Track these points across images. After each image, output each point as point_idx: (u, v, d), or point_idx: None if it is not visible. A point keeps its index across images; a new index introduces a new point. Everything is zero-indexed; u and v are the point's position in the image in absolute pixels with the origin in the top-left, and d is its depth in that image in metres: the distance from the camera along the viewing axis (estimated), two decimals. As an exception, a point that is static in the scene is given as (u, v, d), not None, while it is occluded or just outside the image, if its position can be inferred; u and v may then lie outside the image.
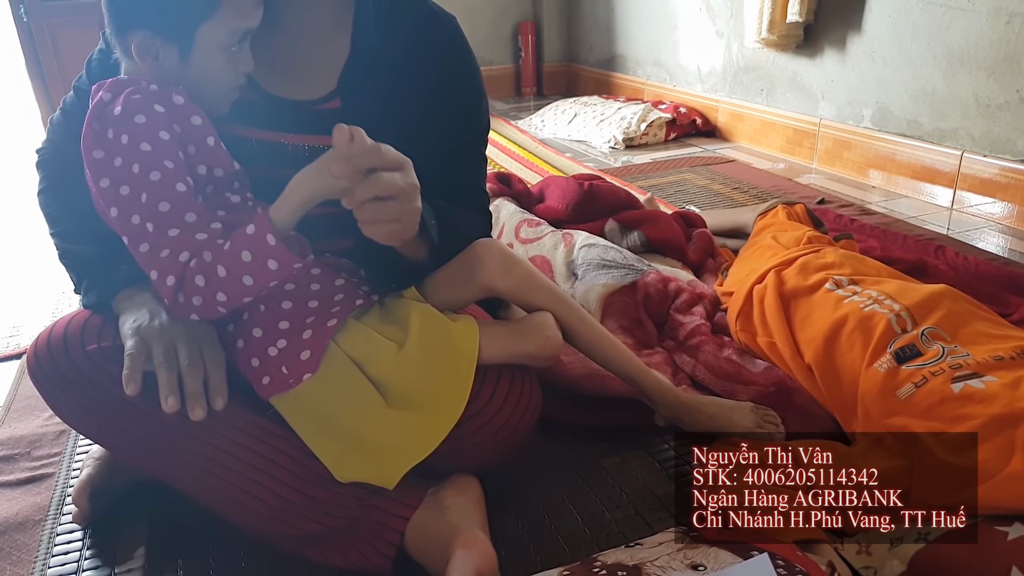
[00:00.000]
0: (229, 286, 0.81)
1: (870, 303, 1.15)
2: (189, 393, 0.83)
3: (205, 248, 0.82)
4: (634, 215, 1.63)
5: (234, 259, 0.80)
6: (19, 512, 1.04)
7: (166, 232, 0.82)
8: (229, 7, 0.85)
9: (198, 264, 0.81)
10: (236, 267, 0.81)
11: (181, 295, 0.83)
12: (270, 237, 0.79)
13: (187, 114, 0.86)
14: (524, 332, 0.98)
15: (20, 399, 1.33)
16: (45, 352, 0.89)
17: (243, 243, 0.80)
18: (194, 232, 0.83)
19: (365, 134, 0.78)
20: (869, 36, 2.33)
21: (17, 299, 1.80)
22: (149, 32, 0.85)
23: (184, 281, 0.82)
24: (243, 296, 0.84)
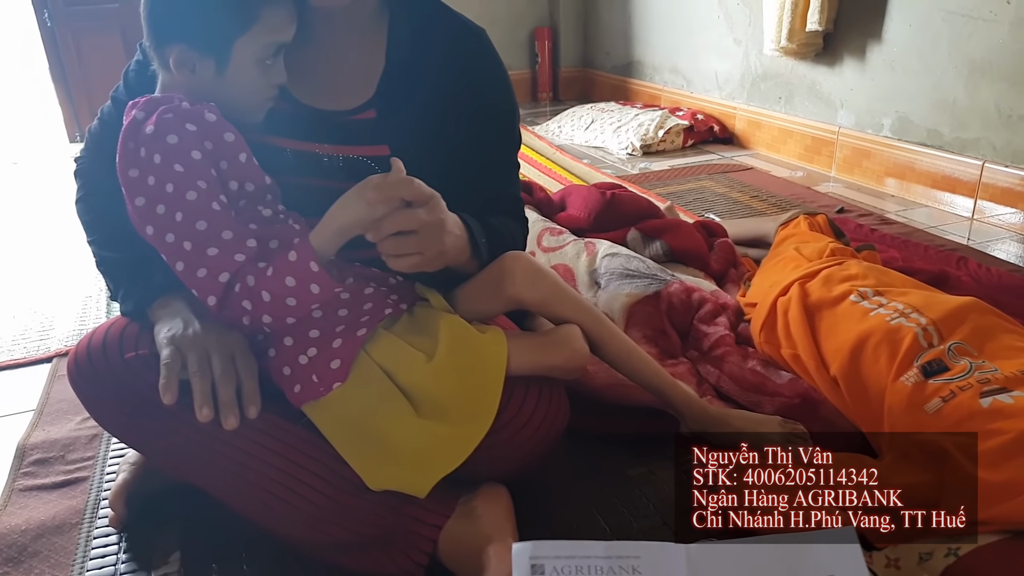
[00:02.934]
0: (274, 309, 0.84)
1: (896, 316, 1.15)
2: (223, 402, 0.84)
3: (244, 269, 0.84)
4: (656, 224, 1.64)
5: (278, 284, 0.83)
6: (56, 515, 1.06)
7: (204, 251, 0.84)
8: (265, 22, 0.87)
9: (243, 289, 0.83)
10: (280, 292, 0.83)
11: (225, 311, 0.85)
12: (313, 264, 0.82)
13: (220, 131, 0.88)
14: (552, 344, 0.99)
15: (52, 403, 1.35)
16: (85, 359, 0.91)
17: (287, 269, 0.83)
18: (232, 252, 0.84)
19: (402, 165, 0.81)
20: (889, 45, 2.33)
21: (46, 305, 1.83)
22: (187, 46, 0.87)
23: (228, 301, 0.85)
24: (287, 317, 0.86)
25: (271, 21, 0.88)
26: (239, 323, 0.86)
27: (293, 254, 0.83)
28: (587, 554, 0.55)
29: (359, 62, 1.01)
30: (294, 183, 0.99)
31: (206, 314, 0.89)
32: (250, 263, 0.85)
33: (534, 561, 0.55)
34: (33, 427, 1.28)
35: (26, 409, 1.36)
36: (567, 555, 0.55)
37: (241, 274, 0.84)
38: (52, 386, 1.42)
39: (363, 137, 1.00)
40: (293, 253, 0.83)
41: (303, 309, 0.86)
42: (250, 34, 0.87)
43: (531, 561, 0.55)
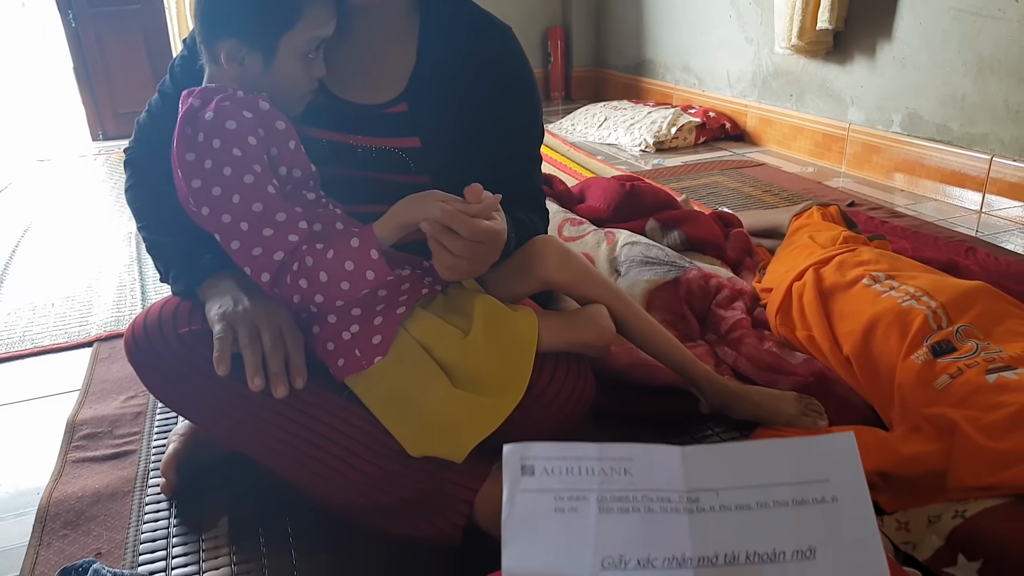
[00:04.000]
0: (328, 290, 0.89)
1: (907, 299, 1.20)
2: (272, 373, 0.90)
3: (300, 249, 0.89)
4: (674, 215, 1.69)
5: (337, 267, 0.88)
6: (108, 484, 1.12)
7: (260, 231, 0.89)
8: (309, 18, 0.93)
9: (301, 268, 0.89)
10: (338, 274, 0.88)
11: (277, 289, 0.90)
12: (373, 252, 0.87)
13: (272, 119, 0.93)
14: (580, 322, 1.05)
15: (96, 383, 1.42)
16: (142, 334, 0.97)
17: (348, 254, 0.88)
18: (286, 233, 0.90)
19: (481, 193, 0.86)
20: (899, 43, 2.38)
21: (82, 294, 1.89)
22: (237, 40, 0.93)
23: (281, 280, 0.90)
24: (337, 299, 0.92)
25: (315, 17, 0.93)
26: (289, 301, 0.92)
27: (356, 240, 0.88)
28: (579, 455, 0.54)
29: (392, 58, 1.06)
30: (330, 172, 1.04)
31: (254, 292, 0.95)
32: (303, 243, 0.90)
33: (524, 462, 0.53)
34: (80, 405, 1.34)
35: (71, 389, 1.42)
36: (558, 456, 0.54)
37: (298, 254, 0.89)
38: (95, 368, 1.48)
39: (395, 129, 1.05)
40: (356, 240, 0.88)
41: (354, 293, 0.91)
42: (295, 29, 0.93)
43: (522, 462, 0.53)
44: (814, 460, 0.52)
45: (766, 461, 0.52)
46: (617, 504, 0.52)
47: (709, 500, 0.52)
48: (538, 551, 0.51)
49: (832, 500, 0.50)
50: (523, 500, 0.52)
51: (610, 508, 0.52)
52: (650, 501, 0.52)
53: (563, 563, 0.50)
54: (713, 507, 0.51)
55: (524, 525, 0.51)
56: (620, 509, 0.52)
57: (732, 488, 0.52)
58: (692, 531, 0.51)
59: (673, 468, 0.53)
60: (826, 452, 0.52)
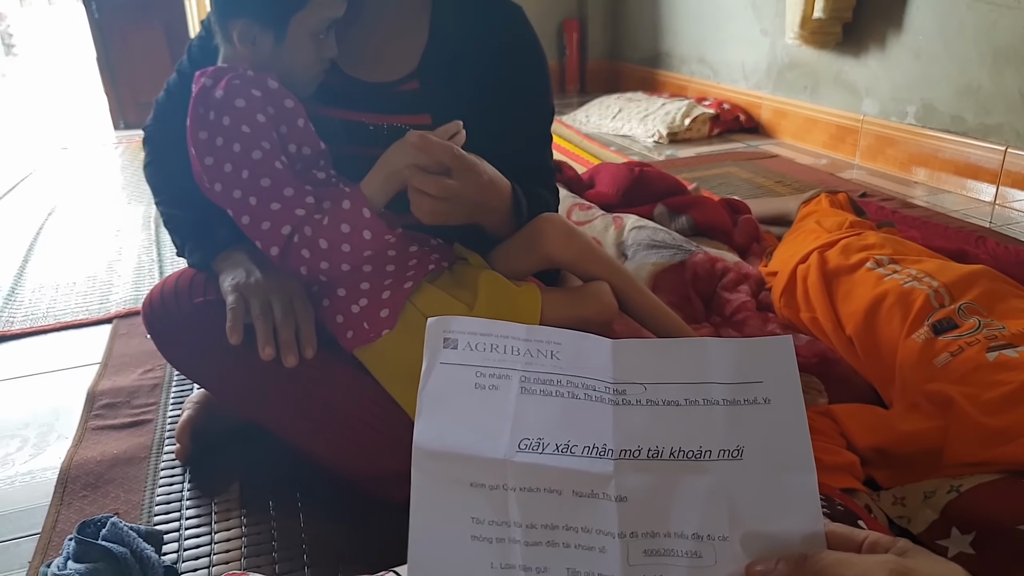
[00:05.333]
0: (330, 255, 0.92)
1: (910, 280, 1.21)
2: (283, 342, 0.92)
3: (304, 223, 0.92)
4: (682, 200, 1.71)
5: (334, 231, 0.91)
6: (126, 450, 1.16)
7: (268, 206, 0.92)
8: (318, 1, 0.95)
9: (301, 239, 0.92)
10: (336, 239, 0.91)
11: (287, 261, 0.93)
12: (365, 210, 0.90)
13: (281, 97, 0.96)
14: (583, 298, 1.07)
15: (115, 357, 1.46)
16: (159, 303, 1.01)
17: (341, 216, 0.91)
18: (293, 206, 0.93)
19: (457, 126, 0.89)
20: (913, 33, 2.37)
21: (103, 273, 1.94)
22: (249, 20, 0.95)
23: (289, 252, 0.93)
24: (342, 263, 0.94)
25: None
26: (298, 272, 0.95)
27: (347, 203, 0.91)
28: (506, 333, 0.51)
29: (403, 36, 1.08)
30: (344, 151, 1.07)
31: (266, 265, 0.98)
32: (308, 216, 0.93)
33: (447, 334, 0.51)
34: (100, 377, 1.38)
35: (92, 362, 1.46)
36: (483, 332, 0.51)
37: (300, 226, 0.92)
38: (115, 342, 1.52)
39: (407, 107, 1.07)
40: (347, 202, 0.91)
41: (357, 255, 0.94)
42: (306, 10, 0.95)
43: (444, 334, 0.51)
44: (749, 362, 0.50)
45: (699, 359, 0.50)
46: (540, 387, 0.50)
47: (636, 393, 0.50)
48: (452, 427, 0.48)
49: (764, 402, 0.49)
50: (442, 373, 0.50)
51: (532, 390, 0.50)
52: (574, 387, 0.50)
53: (478, 441, 0.48)
54: (640, 400, 0.50)
55: (440, 399, 0.49)
56: (543, 392, 0.50)
57: (661, 383, 0.50)
58: (616, 422, 0.49)
59: (602, 357, 0.51)
60: (762, 354, 0.50)
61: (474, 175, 0.92)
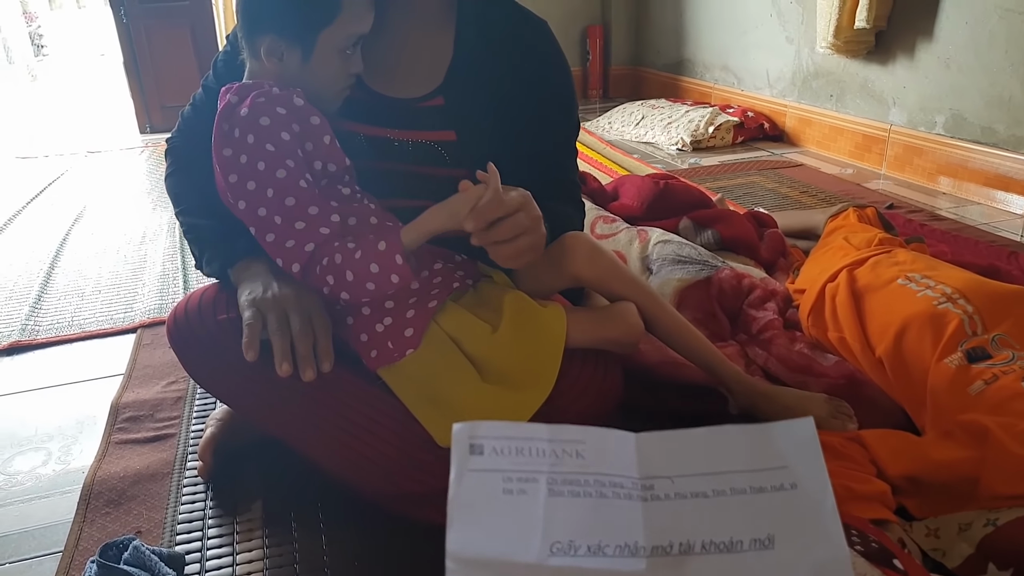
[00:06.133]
0: (354, 288, 0.92)
1: (943, 300, 1.19)
2: (300, 357, 0.91)
3: (330, 244, 0.91)
4: (708, 214, 1.69)
5: (363, 268, 0.90)
6: (149, 465, 1.16)
7: (292, 225, 0.92)
8: (347, 14, 0.95)
9: (330, 264, 0.91)
10: (363, 275, 0.90)
11: (307, 279, 0.93)
12: (398, 257, 0.89)
13: (306, 114, 0.96)
14: (608, 319, 1.06)
15: (139, 368, 1.46)
16: (183, 319, 1.01)
17: (373, 256, 0.90)
18: (317, 225, 0.92)
19: (497, 176, 0.86)
20: (943, 43, 2.34)
21: (128, 282, 1.95)
22: (276, 36, 0.95)
23: (309, 272, 0.92)
24: (363, 298, 0.94)
25: (353, 13, 0.95)
26: (318, 292, 0.94)
27: (383, 244, 0.90)
28: (529, 435, 0.52)
29: (428, 52, 1.07)
30: (367, 166, 1.06)
31: (284, 277, 0.96)
32: (334, 236, 0.93)
33: (473, 441, 0.51)
34: (124, 389, 1.38)
35: (116, 373, 1.47)
36: (508, 436, 0.52)
37: (328, 250, 0.91)
38: (138, 353, 1.53)
39: (431, 123, 1.06)
40: (383, 243, 0.90)
41: (379, 295, 0.93)
42: (334, 25, 0.94)
43: (470, 440, 0.51)
44: (772, 446, 0.50)
45: (722, 447, 0.50)
46: (568, 488, 0.50)
47: (663, 487, 0.50)
48: (484, 534, 0.48)
49: (791, 487, 0.48)
50: (470, 480, 0.50)
51: (560, 491, 0.50)
52: (602, 486, 0.50)
53: (510, 547, 0.48)
54: (668, 495, 0.49)
55: (470, 507, 0.49)
56: (571, 493, 0.50)
57: (687, 475, 0.50)
58: (645, 519, 0.48)
59: (627, 453, 0.51)
60: (784, 438, 0.50)
61: (531, 204, 0.90)
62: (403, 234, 0.90)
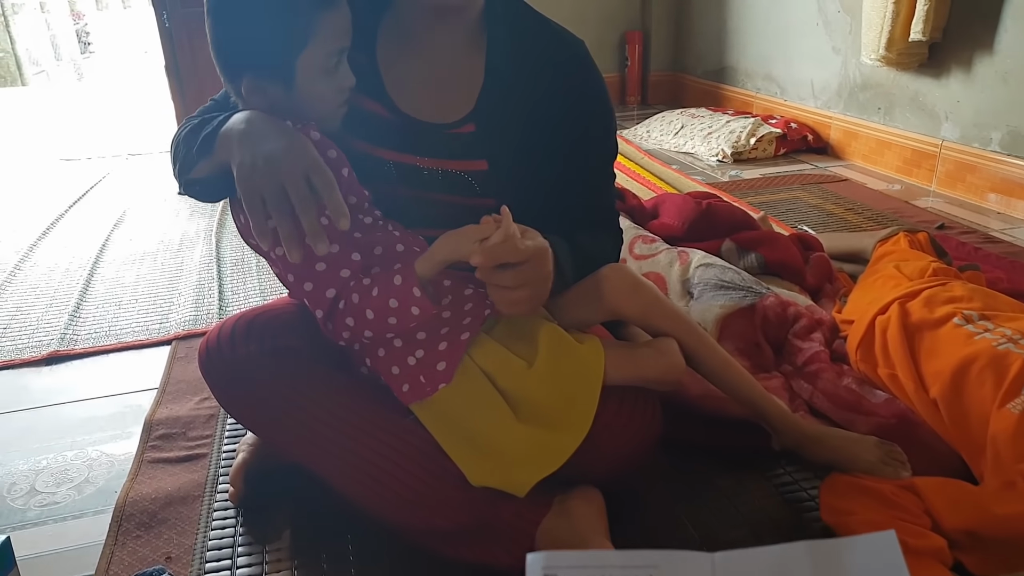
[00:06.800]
0: (376, 325, 0.89)
1: (1004, 342, 1.13)
2: (308, 232, 0.82)
3: (351, 287, 0.88)
4: (752, 236, 1.64)
5: (382, 305, 0.87)
6: (180, 488, 1.15)
7: (312, 266, 0.88)
8: (320, 34, 0.88)
9: (348, 306, 0.88)
10: (383, 311, 0.87)
11: (330, 324, 0.90)
12: (416, 290, 0.86)
13: (323, 148, 0.90)
14: (648, 357, 1.02)
15: (173, 383, 1.46)
16: (216, 348, 0.99)
17: (391, 291, 0.87)
18: (338, 267, 0.89)
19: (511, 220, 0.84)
20: (1002, 57, 2.25)
21: (164, 292, 1.96)
22: (253, 75, 0.89)
23: (334, 316, 0.89)
24: (387, 332, 0.91)
25: (326, 31, 0.88)
26: (341, 337, 0.91)
27: (398, 278, 0.86)
28: (602, 563, 0.52)
29: (459, 75, 1.02)
30: (395, 192, 1.03)
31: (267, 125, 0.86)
32: (355, 277, 0.89)
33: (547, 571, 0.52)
34: (157, 404, 1.38)
35: (150, 387, 1.47)
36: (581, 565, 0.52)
37: (346, 291, 0.88)
38: (172, 367, 1.53)
39: (463, 152, 1.02)
40: (398, 277, 0.86)
41: (402, 328, 0.90)
42: (308, 49, 0.88)
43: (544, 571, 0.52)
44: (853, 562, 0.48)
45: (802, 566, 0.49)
46: None
47: None
48: None
49: None
50: None
51: None
52: None
53: None
54: None
55: None
56: None
57: None
58: None
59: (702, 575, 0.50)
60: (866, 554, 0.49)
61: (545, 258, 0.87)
62: (417, 265, 0.87)
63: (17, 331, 1.74)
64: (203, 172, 0.93)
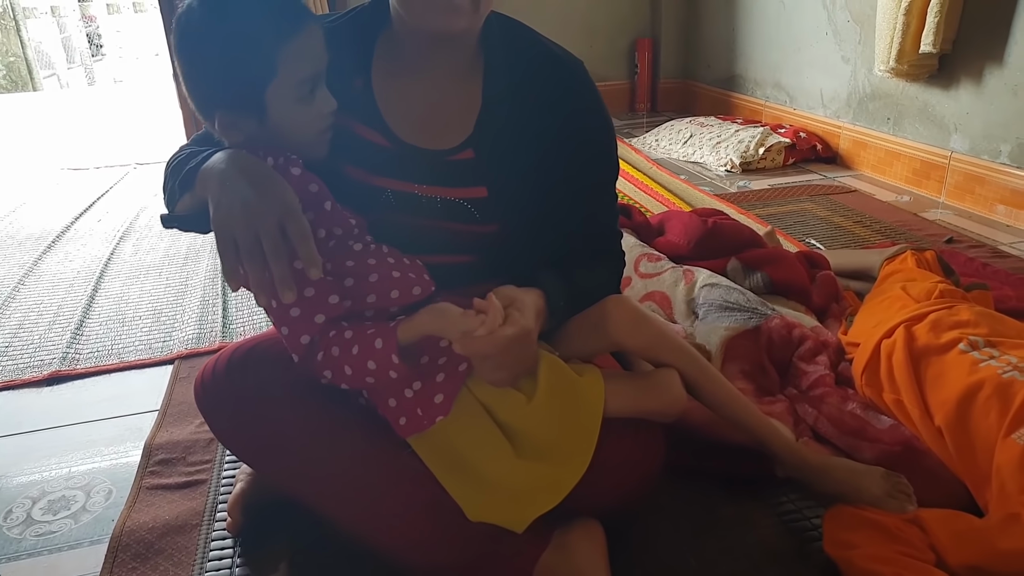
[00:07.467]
0: (353, 380, 0.88)
1: (1009, 370, 1.11)
2: (277, 280, 0.80)
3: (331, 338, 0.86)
4: (758, 255, 1.62)
5: (361, 364, 0.86)
6: (179, 516, 1.14)
7: (287, 311, 0.86)
8: (287, 63, 0.86)
9: (326, 359, 0.87)
10: (361, 371, 0.86)
11: (308, 369, 0.89)
12: (394, 357, 0.84)
13: (305, 183, 0.89)
14: (649, 389, 1.00)
15: (175, 404, 1.45)
16: (211, 382, 0.98)
17: (371, 353, 0.85)
18: (313, 312, 0.86)
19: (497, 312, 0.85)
20: (1012, 69, 2.22)
21: (168, 309, 1.95)
22: (224, 111, 0.88)
23: (311, 362, 0.88)
24: (364, 386, 0.92)
25: (292, 60, 0.86)
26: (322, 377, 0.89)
27: (379, 341, 0.84)
28: None
29: (456, 101, 1.00)
30: (392, 220, 1.02)
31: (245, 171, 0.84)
32: (333, 325, 0.87)
33: None
34: (158, 428, 1.37)
35: (151, 409, 1.46)
36: None
37: (325, 341, 0.87)
38: (175, 387, 1.52)
39: (461, 178, 1.00)
40: (379, 341, 0.85)
41: (379, 384, 0.90)
42: (276, 80, 0.86)
43: None
44: None
45: None
46: None
47: None
48: None
49: None
50: None
51: None
52: None
53: None
54: None
55: None
56: None
57: None
58: None
59: None
60: None
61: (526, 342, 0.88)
62: (400, 331, 0.85)
63: (19, 350, 1.74)
64: (186, 206, 0.92)
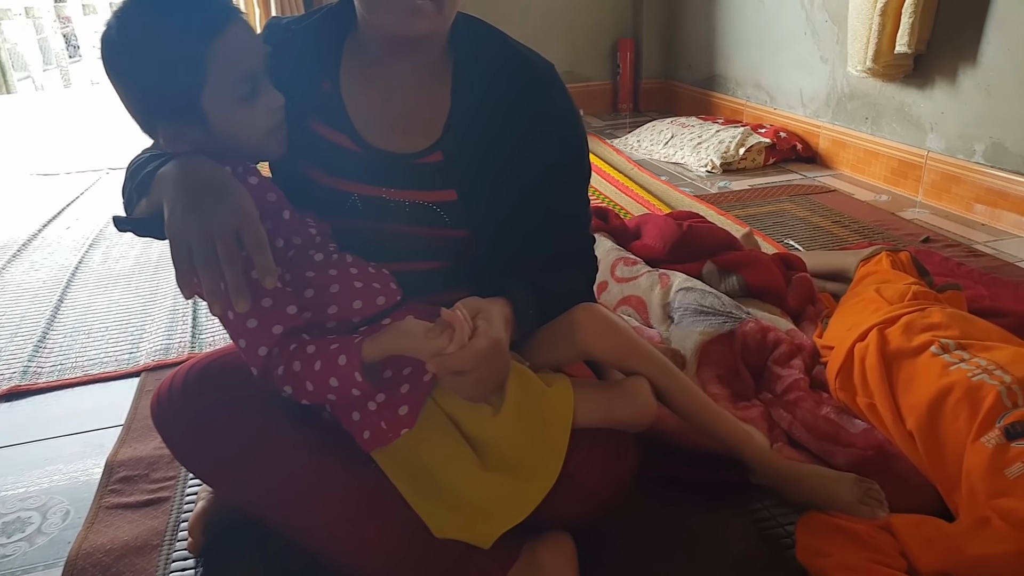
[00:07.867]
0: (314, 396, 0.86)
1: (979, 372, 1.10)
2: (230, 287, 0.77)
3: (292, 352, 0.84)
4: (733, 258, 1.61)
5: (322, 381, 0.83)
6: (138, 536, 1.11)
7: (243, 323, 0.84)
8: (216, 64, 0.83)
9: (287, 373, 0.84)
10: (323, 387, 0.84)
11: (269, 382, 0.86)
12: (357, 375, 0.82)
13: (262, 192, 0.87)
14: (619, 398, 0.98)
15: (139, 419, 1.41)
16: (167, 400, 0.95)
17: (332, 370, 0.83)
18: (270, 323, 0.84)
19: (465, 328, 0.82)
20: (985, 69, 2.23)
21: (135, 319, 1.91)
22: (164, 123, 0.86)
23: (271, 375, 0.86)
24: (326, 402, 0.90)
25: (221, 60, 0.83)
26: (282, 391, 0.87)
27: (343, 358, 0.82)
28: None
29: (425, 103, 0.99)
30: (360, 225, 1.00)
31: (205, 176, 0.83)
32: (291, 337, 0.85)
33: None
34: (121, 443, 1.34)
35: (114, 424, 1.42)
36: None
37: (286, 355, 0.84)
38: (140, 401, 1.48)
39: (430, 182, 0.98)
40: (343, 357, 0.82)
41: (341, 400, 0.88)
42: (209, 84, 0.83)
43: None
44: None
45: None
46: None
47: None
48: None
49: None
50: None
51: None
52: None
53: None
54: None
55: None
56: None
57: None
58: None
59: None
60: None
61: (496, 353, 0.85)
62: (365, 349, 0.83)
63: (-20, 363, 1.70)
64: (143, 211, 0.89)
